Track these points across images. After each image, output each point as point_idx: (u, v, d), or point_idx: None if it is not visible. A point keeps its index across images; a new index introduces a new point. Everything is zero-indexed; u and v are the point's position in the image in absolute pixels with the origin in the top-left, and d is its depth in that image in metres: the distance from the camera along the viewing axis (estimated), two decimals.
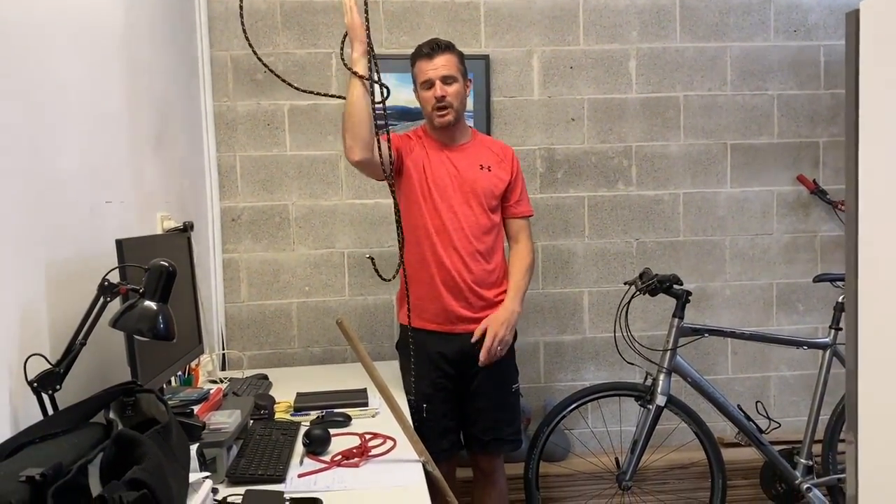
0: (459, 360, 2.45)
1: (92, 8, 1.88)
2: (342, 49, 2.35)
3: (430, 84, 2.38)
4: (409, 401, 2.39)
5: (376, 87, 2.15)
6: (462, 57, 2.46)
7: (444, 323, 2.44)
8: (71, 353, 1.40)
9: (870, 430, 1.08)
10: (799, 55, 3.27)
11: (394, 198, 2.13)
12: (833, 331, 2.83)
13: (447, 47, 2.41)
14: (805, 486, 2.76)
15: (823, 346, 2.84)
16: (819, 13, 3.26)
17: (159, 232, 2.28)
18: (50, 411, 1.35)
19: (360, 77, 2.18)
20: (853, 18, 1.03)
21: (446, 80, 2.37)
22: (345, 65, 2.28)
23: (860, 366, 1.09)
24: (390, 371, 2.54)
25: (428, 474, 1.74)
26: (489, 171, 2.45)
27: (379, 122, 2.17)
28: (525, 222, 2.55)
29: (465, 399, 2.50)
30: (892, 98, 1.02)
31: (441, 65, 2.37)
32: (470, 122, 2.87)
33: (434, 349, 2.44)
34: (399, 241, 2.16)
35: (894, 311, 1.11)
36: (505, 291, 2.48)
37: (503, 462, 2.60)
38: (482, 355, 2.37)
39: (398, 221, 2.14)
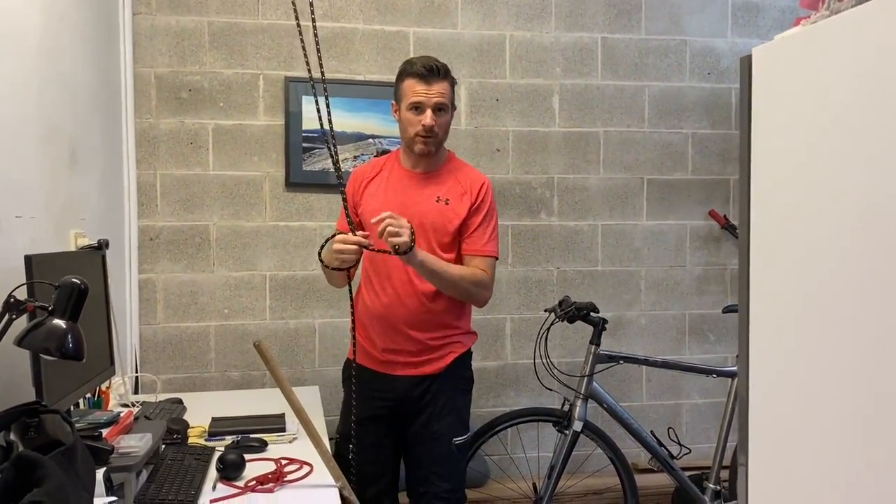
0: (396, 404, 2.27)
1: (7, 19, 1.83)
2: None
3: (419, 108, 2.17)
4: (334, 440, 2.30)
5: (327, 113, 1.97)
6: (454, 84, 2.27)
7: (379, 365, 2.27)
8: None
9: (759, 453, 1.15)
10: (712, 96, 3.44)
11: (351, 225, 2.06)
12: None
13: (445, 74, 2.20)
14: None
15: (731, 375, 2.96)
16: (730, 58, 3.44)
17: (72, 249, 2.22)
18: None
19: (323, 264, 2.18)
20: (746, 63, 1.11)
21: (438, 109, 2.18)
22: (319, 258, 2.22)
23: (751, 392, 1.16)
24: (310, 396, 2.51)
25: (344, 500, 1.73)
26: (446, 204, 2.23)
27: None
28: (480, 260, 2.24)
29: (403, 445, 2.34)
30: (779, 136, 1.10)
31: (437, 92, 2.17)
32: (395, 149, 2.88)
33: (372, 389, 2.28)
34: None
35: (781, 339, 1.18)
36: (449, 335, 2.28)
37: None
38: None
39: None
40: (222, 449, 1.94)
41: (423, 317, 2.22)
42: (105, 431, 1.83)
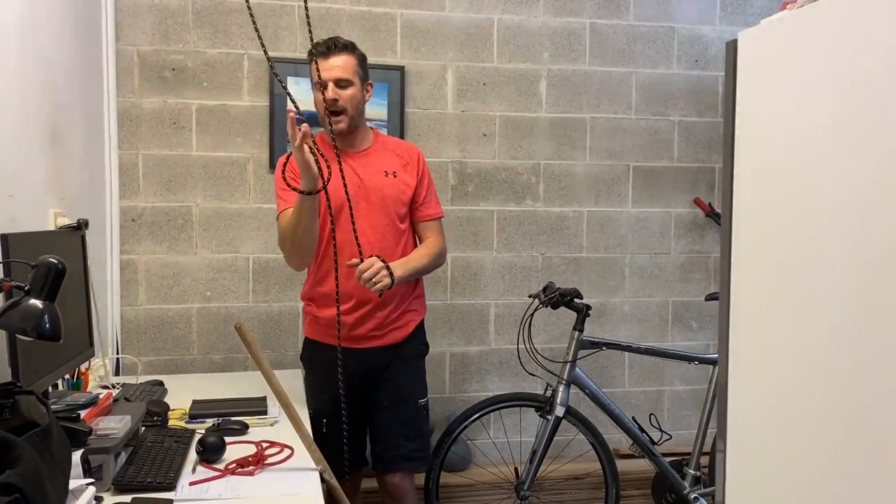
0: (363, 375, 2.35)
1: None
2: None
3: (322, 86, 2.21)
4: (309, 415, 2.33)
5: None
6: (363, 59, 2.31)
7: (345, 339, 2.24)
8: None
9: (736, 439, 1.15)
10: (699, 84, 3.44)
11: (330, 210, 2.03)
12: None
13: (345, 47, 2.25)
14: (693, 495, 2.88)
15: (713, 362, 2.97)
16: (718, 46, 3.44)
17: (51, 228, 2.19)
18: None
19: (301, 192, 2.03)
20: (732, 48, 1.10)
21: (340, 83, 2.22)
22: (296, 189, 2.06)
23: (730, 379, 1.16)
24: (291, 379, 2.50)
25: (325, 483, 1.73)
26: (395, 176, 2.34)
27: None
28: (435, 223, 2.43)
29: (369, 415, 2.41)
30: (763, 122, 1.09)
31: (336, 66, 2.22)
32: (383, 132, 2.86)
33: (337, 365, 2.26)
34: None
35: (760, 327, 1.18)
36: (408, 303, 2.38)
37: (413, 484, 2.46)
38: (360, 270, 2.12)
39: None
40: (203, 431, 1.93)
41: (392, 292, 2.27)
42: (84, 413, 1.81)
